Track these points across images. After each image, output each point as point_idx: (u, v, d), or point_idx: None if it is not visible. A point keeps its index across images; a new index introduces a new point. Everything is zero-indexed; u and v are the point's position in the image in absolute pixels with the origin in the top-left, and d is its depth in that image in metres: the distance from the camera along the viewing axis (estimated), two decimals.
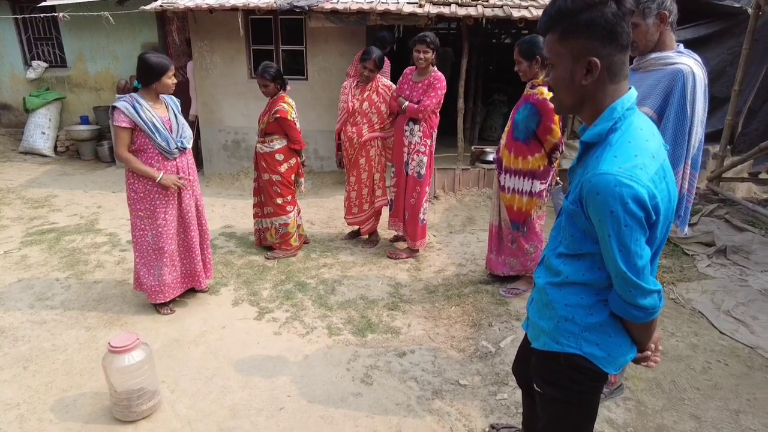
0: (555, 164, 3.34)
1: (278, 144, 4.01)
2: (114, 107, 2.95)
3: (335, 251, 4.39)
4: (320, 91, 6.39)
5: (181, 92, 5.48)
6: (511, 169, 3.36)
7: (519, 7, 5.60)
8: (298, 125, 4.01)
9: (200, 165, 6.59)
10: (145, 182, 3.08)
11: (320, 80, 6.38)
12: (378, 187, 4.34)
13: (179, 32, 6.80)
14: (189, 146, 3.21)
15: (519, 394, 2.34)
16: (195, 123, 6.70)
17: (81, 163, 7.62)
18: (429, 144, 4.00)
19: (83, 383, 2.68)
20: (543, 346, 1.47)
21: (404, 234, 4.30)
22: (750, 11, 4.94)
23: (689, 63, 2.04)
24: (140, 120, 2.95)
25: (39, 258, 4.19)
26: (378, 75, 4.10)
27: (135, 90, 3.29)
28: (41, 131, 7.77)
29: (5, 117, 8.43)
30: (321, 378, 2.74)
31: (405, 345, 3.04)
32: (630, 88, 1.28)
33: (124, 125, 2.95)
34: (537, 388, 1.55)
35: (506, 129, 3.40)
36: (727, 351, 2.94)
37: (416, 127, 3.93)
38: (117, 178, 6.68)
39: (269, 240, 4.28)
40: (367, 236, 4.53)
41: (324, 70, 6.34)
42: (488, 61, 9.12)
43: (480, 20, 5.43)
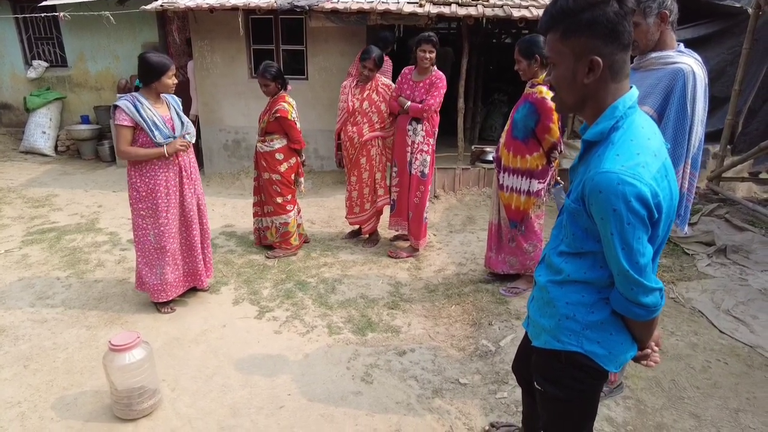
0: (554, 164, 3.35)
1: (278, 143, 4.02)
2: (115, 106, 2.98)
3: (335, 250, 4.40)
4: (320, 91, 6.39)
5: (182, 92, 5.48)
6: (510, 168, 3.37)
7: (519, 7, 5.60)
8: (299, 125, 4.02)
9: (201, 164, 6.57)
10: (148, 180, 3.09)
11: (320, 80, 6.38)
12: (380, 187, 4.34)
13: (180, 32, 6.80)
14: (192, 140, 3.23)
15: (519, 393, 2.34)
16: (195, 122, 6.70)
17: (81, 163, 7.62)
18: (432, 143, 4.02)
19: (84, 381, 2.69)
20: (544, 344, 1.47)
21: (408, 233, 4.31)
22: (750, 11, 4.95)
23: (690, 62, 2.04)
24: (141, 118, 2.97)
25: (40, 257, 4.19)
26: (377, 74, 4.11)
27: (136, 89, 3.30)
28: (42, 131, 7.77)
29: (6, 116, 8.43)
30: (321, 376, 2.74)
31: (405, 344, 3.05)
32: (631, 87, 1.28)
33: (126, 123, 2.97)
34: (538, 387, 1.55)
35: (506, 128, 3.41)
36: (727, 350, 2.94)
37: (419, 127, 3.94)
38: (117, 178, 6.68)
39: (269, 239, 4.28)
40: (368, 236, 4.54)
41: (324, 70, 6.34)
42: (488, 61, 9.12)
43: (480, 20, 5.44)
